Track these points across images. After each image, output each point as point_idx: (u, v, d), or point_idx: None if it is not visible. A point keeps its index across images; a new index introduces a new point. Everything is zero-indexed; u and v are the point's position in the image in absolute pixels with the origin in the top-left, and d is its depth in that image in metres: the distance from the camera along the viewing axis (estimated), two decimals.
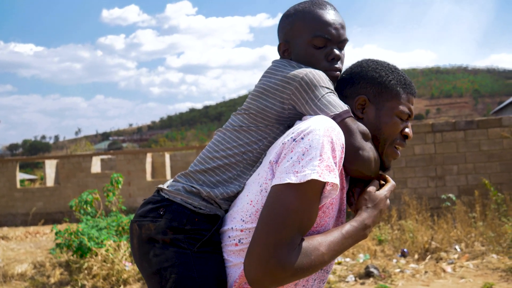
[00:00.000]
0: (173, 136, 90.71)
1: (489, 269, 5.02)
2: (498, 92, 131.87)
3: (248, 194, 1.29)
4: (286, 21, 1.45)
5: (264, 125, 1.36)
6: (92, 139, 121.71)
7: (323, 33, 1.38)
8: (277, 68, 1.39)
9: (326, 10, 1.41)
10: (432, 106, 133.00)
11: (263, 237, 1.14)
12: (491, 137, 7.54)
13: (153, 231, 1.30)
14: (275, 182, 1.17)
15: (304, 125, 1.21)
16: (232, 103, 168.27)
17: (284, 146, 1.20)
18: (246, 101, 1.43)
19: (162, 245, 1.28)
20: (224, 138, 1.40)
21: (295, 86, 1.30)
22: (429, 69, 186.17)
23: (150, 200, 1.39)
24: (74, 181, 14.12)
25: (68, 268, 5.89)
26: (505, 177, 7.46)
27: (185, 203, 1.33)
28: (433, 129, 7.79)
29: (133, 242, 1.36)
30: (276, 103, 1.33)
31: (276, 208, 1.15)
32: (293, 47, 1.42)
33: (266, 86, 1.36)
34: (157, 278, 1.27)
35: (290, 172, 1.15)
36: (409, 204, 7.04)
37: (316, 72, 1.32)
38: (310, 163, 1.14)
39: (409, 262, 5.50)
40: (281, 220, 1.14)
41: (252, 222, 1.24)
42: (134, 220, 1.37)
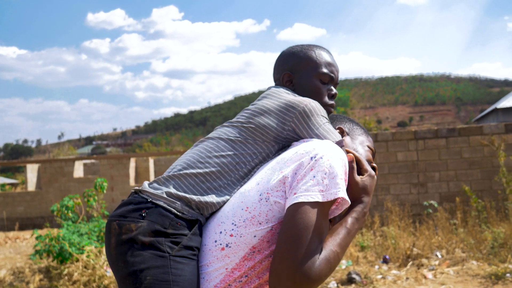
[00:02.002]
0: (157, 140, 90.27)
1: (469, 276, 5.08)
2: (480, 100, 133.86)
3: (243, 200, 1.31)
4: (293, 56, 1.61)
5: (262, 140, 1.44)
6: (75, 143, 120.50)
7: (330, 71, 1.58)
8: (281, 93, 1.52)
9: (330, 55, 1.63)
10: (416, 114, 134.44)
11: (288, 253, 1.21)
12: (472, 144, 7.65)
13: (134, 232, 1.29)
14: (301, 199, 1.23)
15: (318, 146, 1.32)
16: (217, 108, 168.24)
17: (302, 164, 1.28)
18: (241, 116, 1.50)
19: (141, 247, 1.28)
20: (217, 146, 1.44)
21: (299, 111, 1.43)
22: (413, 77, 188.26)
23: (131, 200, 1.37)
24: (56, 186, 13.95)
25: (48, 274, 5.80)
26: (486, 184, 7.57)
27: (168, 206, 1.33)
28: (415, 136, 7.88)
29: (110, 241, 1.33)
30: (277, 122, 1.43)
31: (300, 224, 1.22)
32: (299, 79, 1.57)
33: (269, 106, 1.47)
34: (132, 280, 1.26)
35: (315, 190, 1.24)
36: (391, 210, 7.09)
37: (316, 103, 1.47)
38: (333, 182, 1.25)
39: (391, 269, 5.54)
40: (305, 236, 1.22)
41: (245, 227, 1.28)
42: (113, 219, 1.35)
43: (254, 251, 1.28)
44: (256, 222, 1.28)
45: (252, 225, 1.27)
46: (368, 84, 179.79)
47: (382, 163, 7.94)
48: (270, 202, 1.28)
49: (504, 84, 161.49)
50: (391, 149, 7.92)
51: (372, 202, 7.93)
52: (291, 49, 1.64)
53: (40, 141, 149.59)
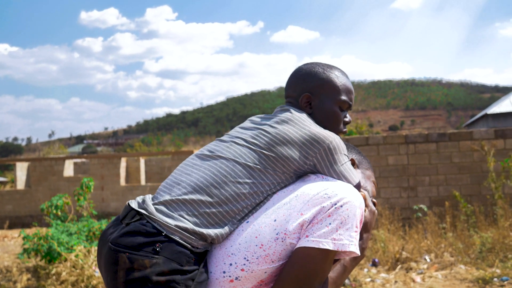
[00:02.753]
0: (149, 140, 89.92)
1: (457, 280, 5.11)
2: (470, 106, 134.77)
3: (257, 236, 1.29)
4: (314, 76, 1.55)
5: (282, 172, 1.39)
6: (66, 142, 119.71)
7: (349, 99, 1.56)
8: (304, 121, 1.45)
9: (349, 81, 1.60)
10: (407, 118, 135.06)
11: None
12: (462, 149, 7.70)
13: (149, 269, 1.21)
14: (312, 244, 1.24)
15: (341, 191, 1.31)
16: (210, 109, 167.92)
17: (323, 210, 1.27)
18: (259, 137, 1.42)
19: (154, 286, 1.20)
20: (233, 170, 1.36)
21: (323, 147, 1.39)
22: (405, 81, 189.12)
23: (139, 229, 1.27)
24: (45, 185, 13.86)
25: (36, 273, 5.76)
26: (475, 189, 7.62)
27: (185, 242, 1.26)
28: (406, 140, 7.92)
29: (117, 274, 1.24)
30: (300, 156, 1.39)
31: (306, 269, 1.24)
32: (319, 103, 1.53)
33: (293, 137, 1.40)
34: None
35: (328, 238, 1.24)
36: (381, 214, 7.12)
37: (339, 139, 1.44)
38: (347, 233, 1.26)
39: (380, 272, 5.56)
40: (308, 282, 1.25)
41: (258, 264, 1.26)
42: (120, 250, 1.24)
43: (261, 284, 1.29)
44: (269, 261, 1.27)
45: (265, 263, 1.27)
46: (360, 88, 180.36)
47: (373, 166, 7.94)
48: (286, 243, 1.27)
49: (495, 90, 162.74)
50: (382, 152, 7.95)
51: None
52: (312, 68, 1.57)
53: (30, 139, 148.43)
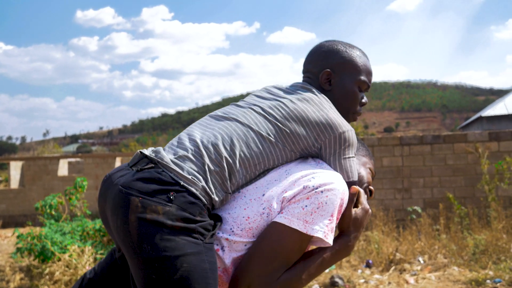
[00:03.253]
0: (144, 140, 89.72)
1: (450, 281, 5.13)
2: (465, 108, 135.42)
3: (246, 208, 1.31)
4: (336, 54, 1.54)
5: (290, 148, 1.40)
6: (60, 141, 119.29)
7: (369, 80, 1.57)
8: (324, 104, 1.44)
9: (370, 63, 1.60)
10: (402, 119, 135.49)
11: (252, 265, 1.24)
12: (457, 151, 7.73)
13: (162, 215, 1.21)
14: (283, 221, 1.25)
15: (326, 178, 1.30)
16: (205, 110, 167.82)
17: (303, 191, 1.27)
18: (277, 108, 1.42)
19: (171, 231, 1.20)
20: (246, 135, 1.36)
21: (335, 135, 1.39)
22: (400, 83, 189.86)
23: (154, 176, 1.26)
24: (39, 184, 13.81)
25: (29, 273, 5.74)
26: (469, 191, 7.66)
27: (199, 194, 1.27)
28: (401, 142, 7.94)
29: (128, 218, 1.22)
30: (311, 137, 1.40)
31: (274, 244, 1.24)
32: (339, 80, 1.52)
33: (310, 117, 1.40)
34: (164, 265, 1.19)
35: (301, 219, 1.24)
36: (376, 215, 7.14)
37: (354, 134, 1.44)
38: (321, 220, 1.26)
39: (374, 273, 5.57)
40: (274, 256, 1.24)
41: (240, 236, 1.28)
42: (133, 194, 1.23)
43: (240, 258, 1.30)
44: (251, 235, 1.29)
45: (247, 236, 1.29)
46: None
47: None
48: (269, 219, 1.29)
49: (490, 93, 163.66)
50: (376, 154, 7.98)
51: None
52: (334, 45, 1.57)
53: (24, 138, 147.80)
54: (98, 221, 6.07)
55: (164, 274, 1.19)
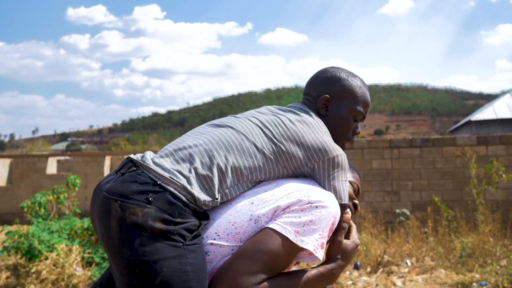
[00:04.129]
0: (134, 139, 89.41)
1: (437, 284, 5.17)
2: (455, 112, 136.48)
3: (232, 214, 1.31)
4: (338, 81, 1.59)
5: (283, 165, 1.42)
6: (50, 139, 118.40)
7: (365, 111, 1.61)
8: (319, 128, 1.48)
9: (368, 94, 1.63)
10: (392, 122, 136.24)
11: (236, 263, 1.23)
12: (445, 155, 7.79)
13: (141, 218, 1.20)
14: (275, 227, 1.26)
15: (322, 195, 1.33)
16: (196, 109, 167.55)
17: (299, 203, 1.29)
18: (275, 125, 1.44)
19: (150, 235, 1.19)
20: (240, 144, 1.38)
21: (328, 158, 1.42)
22: (391, 86, 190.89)
23: (134, 178, 1.26)
24: (27, 182, 13.69)
25: (16, 271, 5.69)
26: (457, 195, 7.72)
27: (179, 193, 1.26)
28: (390, 145, 7.99)
29: (110, 223, 1.22)
30: (305, 157, 1.42)
31: (262, 246, 1.24)
32: (336, 107, 1.57)
33: (306, 138, 1.43)
34: (145, 270, 1.18)
35: (292, 229, 1.26)
36: (364, 217, 7.17)
37: (346, 159, 1.48)
38: (312, 234, 1.27)
39: (362, 275, 5.60)
40: (259, 258, 1.23)
41: (227, 240, 1.29)
42: (112, 197, 1.23)
43: None
44: (238, 239, 1.29)
45: (234, 240, 1.29)
46: None
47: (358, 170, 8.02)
48: (258, 225, 1.29)
49: (479, 97, 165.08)
50: (366, 156, 8.01)
51: None
52: (337, 73, 1.61)
53: (13, 135, 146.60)
54: (86, 220, 6.04)
55: (144, 280, 1.18)
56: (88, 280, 5.21)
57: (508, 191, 7.49)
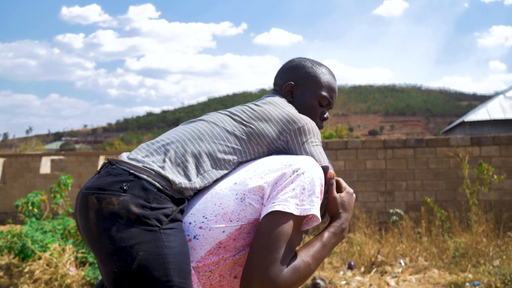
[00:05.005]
0: (128, 139, 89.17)
1: (430, 284, 5.19)
2: (449, 113, 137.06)
3: (216, 196, 1.34)
4: (302, 69, 1.66)
5: (256, 142, 1.45)
6: (43, 139, 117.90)
7: (330, 96, 1.65)
8: (284, 104, 1.55)
9: (335, 81, 1.69)
10: (387, 123, 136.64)
11: (259, 259, 1.24)
12: (439, 156, 7.83)
13: (117, 206, 1.23)
14: (278, 208, 1.27)
15: (302, 161, 1.37)
16: (191, 109, 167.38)
17: (284, 175, 1.32)
18: (243, 112, 1.51)
19: (127, 222, 1.22)
20: (211, 131, 1.43)
21: (298, 127, 1.47)
22: (385, 87, 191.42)
23: (109, 172, 1.31)
24: (21, 181, 13.63)
25: (9, 271, 5.66)
26: (450, 195, 7.75)
27: (152, 180, 1.29)
28: (384, 145, 8.01)
29: (88, 216, 1.25)
30: (275, 131, 1.47)
31: (273, 233, 1.26)
32: (300, 93, 1.63)
33: (273, 114, 1.49)
34: (122, 256, 1.20)
35: (292, 203, 1.28)
36: (358, 217, 7.19)
37: (315, 126, 1.53)
38: (309, 199, 1.30)
39: (355, 275, 5.61)
40: (276, 244, 1.25)
41: (215, 222, 1.30)
42: (89, 192, 1.27)
43: (220, 246, 1.30)
44: (227, 219, 1.30)
45: (223, 220, 1.30)
46: (342, 92, 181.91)
47: (351, 170, 8.05)
48: (245, 202, 1.31)
49: (473, 98, 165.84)
50: (360, 157, 8.04)
51: None
52: (302, 61, 1.68)
53: (7, 134, 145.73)
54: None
55: (123, 266, 1.20)
56: (82, 280, 5.19)
57: (501, 191, 7.54)
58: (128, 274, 1.20)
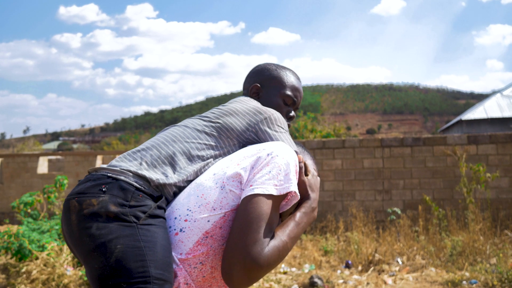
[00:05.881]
0: (126, 139, 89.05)
1: (427, 282, 5.20)
2: (446, 111, 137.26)
3: (198, 189, 1.38)
4: (266, 71, 1.78)
5: (226, 136, 1.53)
6: (41, 139, 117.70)
7: (294, 95, 1.75)
8: (249, 100, 1.66)
9: (299, 82, 1.80)
10: (384, 122, 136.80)
11: (240, 239, 1.27)
12: (436, 154, 7.84)
13: (96, 206, 1.29)
14: (257, 191, 1.32)
15: (275, 145, 1.44)
16: (189, 109, 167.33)
17: (259, 159, 1.38)
18: (211, 113, 1.61)
19: (106, 219, 1.27)
20: (183, 132, 1.52)
21: (264, 117, 1.56)
22: (383, 86, 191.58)
23: (89, 178, 1.37)
24: (18, 182, 13.60)
25: (6, 271, 5.65)
26: (447, 193, 7.77)
27: (130, 180, 1.35)
28: (382, 144, 8.02)
29: (70, 219, 1.31)
30: (243, 123, 1.55)
31: (253, 214, 1.30)
32: (265, 93, 1.73)
33: (238, 108, 1.59)
34: (101, 251, 1.24)
35: (271, 184, 1.33)
36: (356, 216, 7.19)
37: (281, 116, 1.62)
38: (286, 178, 1.36)
39: (353, 273, 5.62)
40: (256, 224, 1.29)
41: (199, 212, 1.34)
42: (71, 197, 1.34)
43: (207, 236, 1.33)
44: (211, 208, 1.34)
45: (207, 210, 1.34)
46: (339, 91, 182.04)
47: (349, 169, 8.05)
48: (225, 190, 1.35)
49: (470, 97, 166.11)
50: (357, 155, 8.04)
51: (337, 208, 8.03)
52: (267, 65, 1.80)
53: (4, 134, 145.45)
54: None
55: (102, 261, 1.24)
56: (79, 280, 5.19)
57: (497, 189, 7.55)
58: (108, 268, 1.24)
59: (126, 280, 1.22)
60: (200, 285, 1.35)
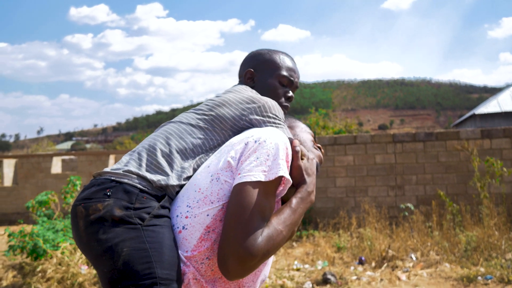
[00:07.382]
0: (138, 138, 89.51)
1: (442, 278, 5.16)
2: (459, 106, 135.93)
3: (195, 184, 1.38)
4: (258, 56, 1.74)
5: (220, 128, 1.52)
6: (54, 139, 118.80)
7: (289, 75, 1.71)
8: (244, 89, 1.63)
9: (293, 62, 1.77)
10: (396, 117, 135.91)
11: (232, 231, 1.26)
12: (449, 149, 7.77)
13: (102, 210, 1.30)
14: (244, 179, 1.30)
15: (263, 131, 1.41)
16: None
17: (247, 146, 1.36)
18: (204, 105, 1.60)
19: (111, 223, 1.29)
20: (178, 129, 1.52)
21: (258, 105, 1.53)
22: (395, 81, 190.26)
23: (93, 183, 1.39)
24: (32, 182, 13.75)
25: (22, 271, 5.72)
26: (461, 188, 7.70)
27: (133, 182, 1.36)
28: (394, 140, 7.97)
29: (78, 225, 1.34)
30: (236, 112, 1.53)
31: (243, 203, 1.28)
32: (260, 77, 1.70)
33: (231, 99, 1.56)
34: (108, 255, 1.27)
35: (259, 171, 1.31)
36: (369, 212, 7.16)
37: (275, 103, 1.58)
38: (275, 162, 1.33)
39: (366, 270, 5.60)
40: (247, 214, 1.27)
41: (199, 207, 1.34)
42: (77, 203, 1.36)
43: (209, 230, 1.33)
44: (208, 202, 1.34)
45: (205, 204, 1.33)
46: (351, 87, 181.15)
47: (361, 165, 8.02)
48: (220, 181, 1.34)
49: (483, 91, 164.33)
50: (369, 151, 8.00)
51: (349, 204, 8.00)
52: (259, 51, 1.78)
53: (18, 135, 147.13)
54: None
55: (111, 265, 1.26)
56: (93, 278, 5.23)
57: None
58: (116, 271, 1.26)
59: (134, 282, 1.24)
60: (210, 278, 1.35)
